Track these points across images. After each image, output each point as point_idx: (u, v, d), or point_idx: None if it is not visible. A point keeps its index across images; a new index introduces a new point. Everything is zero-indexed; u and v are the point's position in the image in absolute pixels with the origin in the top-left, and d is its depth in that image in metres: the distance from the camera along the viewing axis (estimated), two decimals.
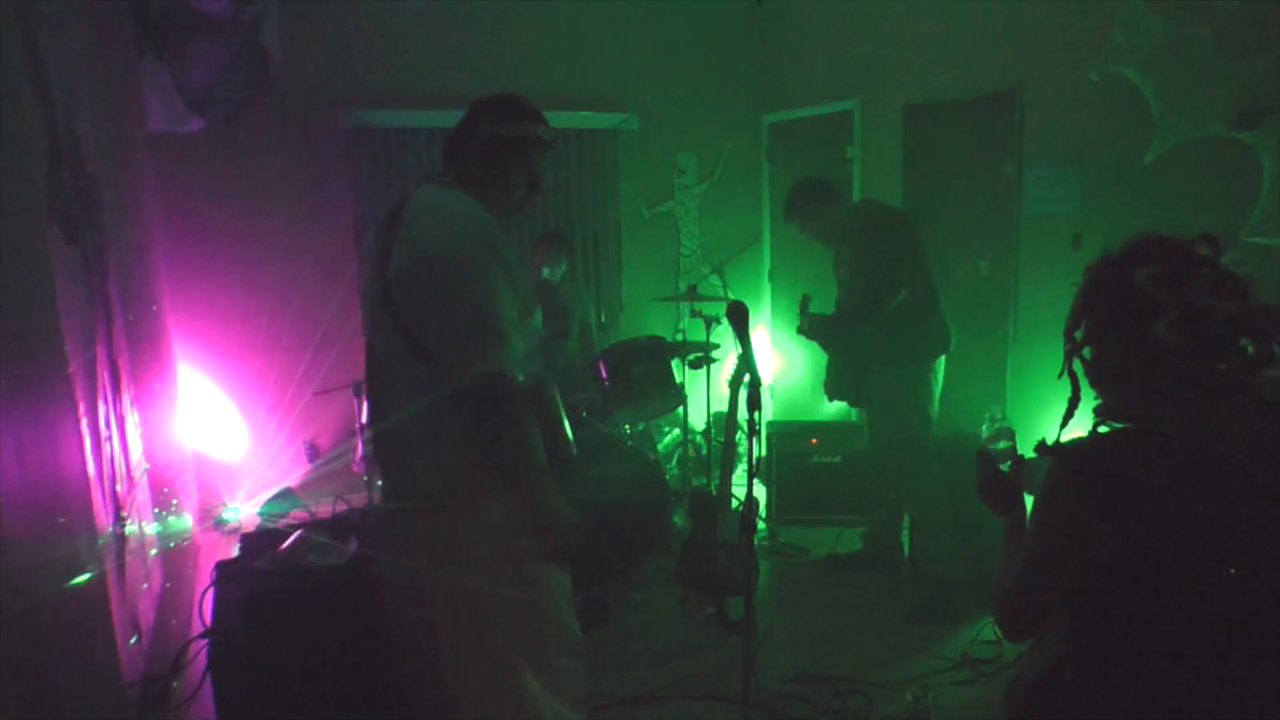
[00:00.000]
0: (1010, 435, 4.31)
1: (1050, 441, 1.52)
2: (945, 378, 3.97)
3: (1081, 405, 1.60)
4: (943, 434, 4.10)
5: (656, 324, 5.98)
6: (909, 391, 3.88)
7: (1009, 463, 1.84)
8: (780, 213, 4.19)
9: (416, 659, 2.11)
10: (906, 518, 4.21)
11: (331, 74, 5.14)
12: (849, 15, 5.51)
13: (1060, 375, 1.58)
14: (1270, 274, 3.32)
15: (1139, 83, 3.77)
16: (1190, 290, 1.41)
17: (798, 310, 4.03)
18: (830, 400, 4.27)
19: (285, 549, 2.68)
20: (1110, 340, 1.50)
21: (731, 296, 5.20)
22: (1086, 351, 1.57)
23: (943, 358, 3.92)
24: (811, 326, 3.98)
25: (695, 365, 4.92)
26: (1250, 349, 1.41)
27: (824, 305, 4.12)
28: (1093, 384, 1.56)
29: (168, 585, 3.30)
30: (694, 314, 4.95)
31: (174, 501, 3.79)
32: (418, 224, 1.96)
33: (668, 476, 4.75)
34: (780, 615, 3.87)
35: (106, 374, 2.54)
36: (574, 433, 2.24)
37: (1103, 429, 1.52)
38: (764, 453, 4.94)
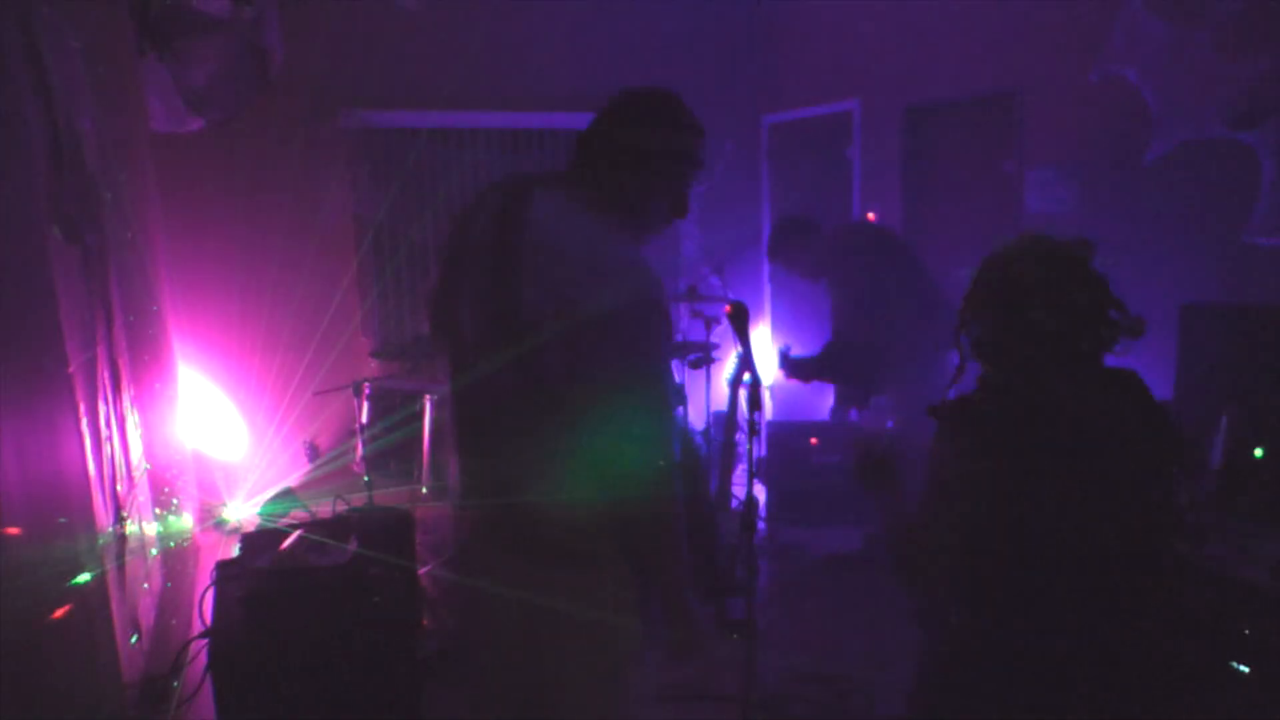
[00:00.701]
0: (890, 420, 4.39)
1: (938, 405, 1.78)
2: None
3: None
4: None
5: None
6: (917, 389, 3.91)
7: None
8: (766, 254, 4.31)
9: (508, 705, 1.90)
10: None
11: (331, 74, 5.14)
12: (849, 15, 5.51)
13: (952, 347, 1.85)
14: (1271, 274, 3.33)
15: (1139, 83, 3.77)
16: (1061, 282, 1.71)
17: (779, 364, 4.11)
18: (844, 409, 4.31)
19: (285, 549, 2.67)
20: (993, 320, 1.76)
21: (731, 296, 5.20)
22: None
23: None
24: (805, 371, 4.07)
25: (695, 365, 4.92)
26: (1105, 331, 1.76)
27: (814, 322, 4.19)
28: (976, 356, 1.81)
29: (168, 585, 3.30)
30: (694, 314, 4.95)
31: (174, 501, 3.79)
32: (564, 264, 1.64)
33: None
34: (780, 615, 3.87)
35: (106, 374, 2.54)
36: None
37: (983, 392, 1.77)
38: (764, 453, 4.95)
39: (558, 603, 1.74)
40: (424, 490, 4.34)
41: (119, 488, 2.50)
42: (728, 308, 2.78)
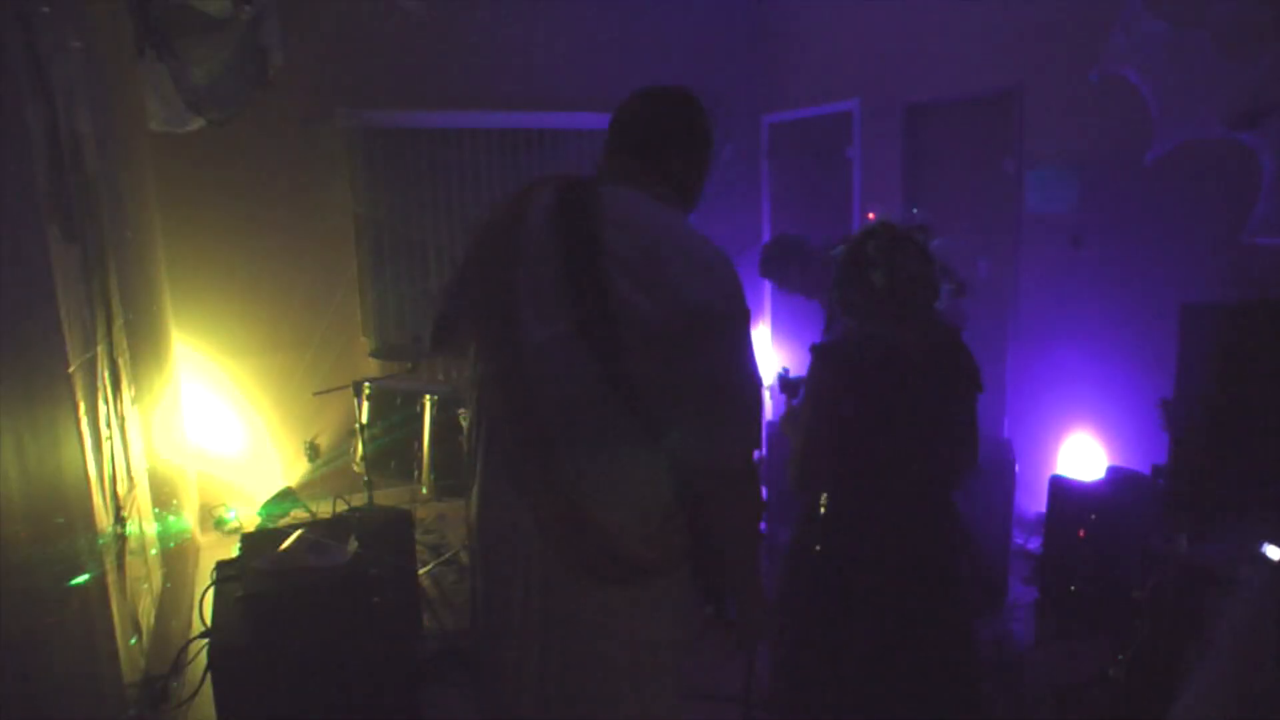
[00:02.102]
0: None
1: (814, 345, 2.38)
2: None
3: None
4: None
5: None
6: None
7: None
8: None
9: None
10: None
11: (331, 74, 5.14)
12: (849, 15, 5.51)
13: (823, 304, 2.53)
14: (1271, 274, 3.32)
15: (1139, 83, 3.77)
16: (896, 255, 2.28)
17: (779, 389, 4.13)
18: None
19: (285, 549, 2.67)
20: (849, 282, 2.34)
21: None
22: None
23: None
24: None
25: None
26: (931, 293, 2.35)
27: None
28: (842, 312, 2.40)
29: (168, 585, 3.30)
30: None
31: (174, 501, 3.79)
32: (661, 261, 1.62)
33: None
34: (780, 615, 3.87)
35: (106, 374, 2.54)
36: None
37: (845, 337, 2.37)
38: (764, 453, 4.94)
39: (625, 616, 1.71)
40: (424, 490, 4.34)
41: (119, 488, 2.50)
42: None
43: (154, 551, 3.11)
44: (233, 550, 2.92)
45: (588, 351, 1.61)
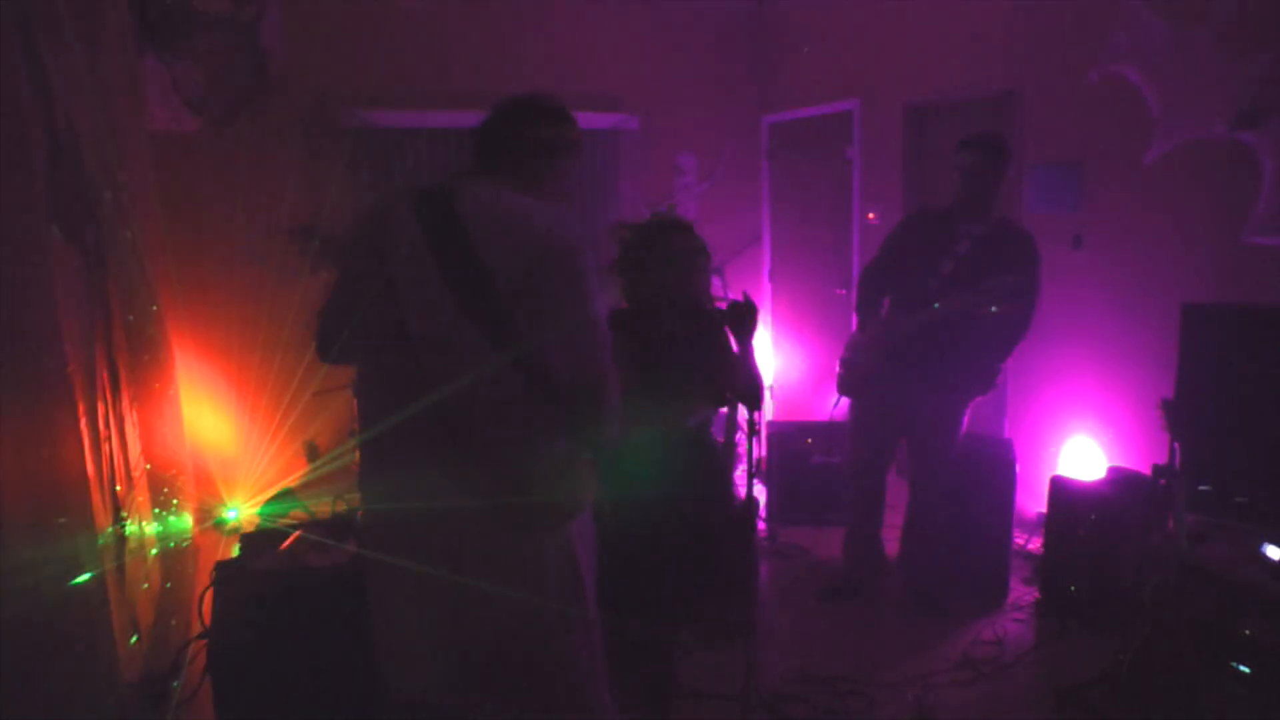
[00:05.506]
0: None
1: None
2: None
3: None
4: None
5: None
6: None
7: None
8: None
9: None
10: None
11: (331, 74, 5.14)
12: (849, 15, 5.51)
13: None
14: (1271, 274, 3.32)
15: (1139, 83, 3.77)
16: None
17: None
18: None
19: (285, 549, 2.67)
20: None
21: (731, 296, 5.19)
22: None
23: None
24: None
25: None
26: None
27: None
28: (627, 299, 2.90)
29: (168, 585, 3.30)
30: None
31: (174, 501, 3.79)
32: (521, 226, 1.84)
33: None
34: (780, 615, 3.87)
35: (106, 374, 2.54)
36: None
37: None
38: (764, 452, 4.94)
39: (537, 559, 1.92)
40: None
41: (118, 488, 2.50)
42: (727, 308, 2.78)
43: (154, 551, 3.11)
44: (233, 550, 2.92)
45: (472, 326, 1.79)
